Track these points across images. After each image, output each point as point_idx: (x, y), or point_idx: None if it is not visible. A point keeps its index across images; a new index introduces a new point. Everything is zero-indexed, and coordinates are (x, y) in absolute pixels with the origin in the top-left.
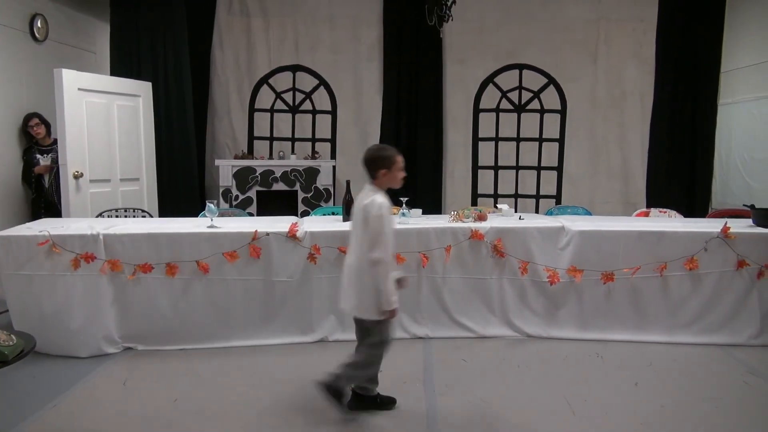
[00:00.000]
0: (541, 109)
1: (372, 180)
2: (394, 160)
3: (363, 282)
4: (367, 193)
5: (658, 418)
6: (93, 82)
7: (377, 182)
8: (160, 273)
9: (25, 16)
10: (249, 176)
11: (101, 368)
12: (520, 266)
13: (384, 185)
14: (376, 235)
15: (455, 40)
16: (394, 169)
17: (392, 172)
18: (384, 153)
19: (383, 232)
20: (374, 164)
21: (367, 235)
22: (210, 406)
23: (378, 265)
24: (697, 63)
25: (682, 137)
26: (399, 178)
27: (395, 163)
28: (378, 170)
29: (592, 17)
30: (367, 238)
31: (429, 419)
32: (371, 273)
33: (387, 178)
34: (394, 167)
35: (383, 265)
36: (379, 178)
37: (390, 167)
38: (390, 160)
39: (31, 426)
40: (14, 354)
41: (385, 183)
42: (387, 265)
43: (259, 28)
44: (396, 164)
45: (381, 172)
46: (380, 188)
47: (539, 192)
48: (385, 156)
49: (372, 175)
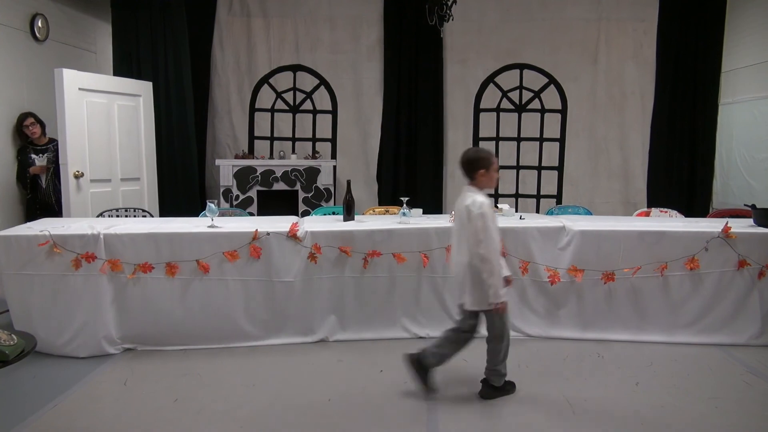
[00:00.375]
0: (541, 109)
1: (470, 181)
2: (490, 161)
3: (473, 277)
4: (468, 194)
5: (658, 418)
6: (93, 81)
7: (475, 183)
8: (160, 273)
9: (26, 16)
10: (249, 176)
11: (102, 368)
12: (521, 266)
13: (482, 186)
14: (480, 232)
15: (456, 40)
16: (491, 170)
17: (489, 173)
18: (481, 155)
19: (487, 229)
20: (472, 166)
21: (471, 233)
22: (210, 406)
23: (484, 261)
24: (697, 63)
25: (683, 137)
26: (495, 179)
27: (492, 165)
28: (476, 171)
29: (592, 17)
30: (473, 236)
31: (429, 419)
32: (479, 268)
33: (484, 178)
34: (491, 168)
35: (489, 260)
36: (476, 179)
37: (487, 168)
38: (487, 162)
39: (31, 426)
40: (15, 354)
41: (482, 183)
42: (493, 260)
43: (260, 28)
44: (492, 165)
45: (479, 173)
46: (479, 188)
47: (540, 192)
48: (482, 158)
49: (470, 177)
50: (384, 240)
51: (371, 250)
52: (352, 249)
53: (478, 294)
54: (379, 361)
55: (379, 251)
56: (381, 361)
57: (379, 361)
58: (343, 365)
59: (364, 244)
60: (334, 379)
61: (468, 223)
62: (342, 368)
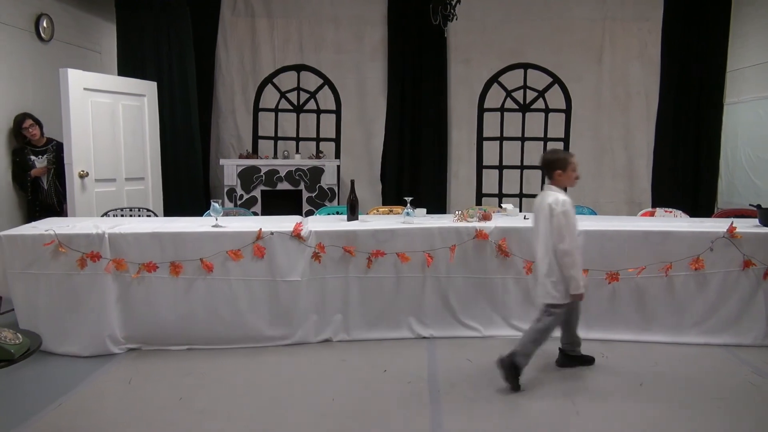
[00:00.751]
0: (545, 109)
1: (549, 180)
2: (567, 162)
3: (553, 271)
4: (549, 193)
5: (663, 419)
6: (98, 81)
7: (554, 182)
8: (164, 272)
9: (31, 16)
10: (253, 176)
11: (106, 367)
12: (525, 266)
13: (560, 185)
14: (561, 228)
15: (460, 40)
16: (568, 170)
17: (566, 172)
18: (558, 156)
19: (568, 225)
20: (549, 166)
21: (554, 229)
22: (214, 405)
23: (566, 255)
24: (702, 62)
25: (688, 137)
26: (573, 179)
27: (569, 165)
28: (553, 171)
29: (597, 17)
30: (555, 232)
31: (433, 419)
32: (562, 262)
33: (562, 178)
34: (568, 168)
35: (571, 254)
36: (554, 178)
37: (564, 168)
38: (563, 162)
39: (36, 424)
40: (20, 353)
41: (560, 183)
42: (574, 254)
43: (264, 28)
44: (570, 166)
45: (556, 173)
46: (559, 187)
47: None
48: (558, 159)
49: (549, 176)
50: (388, 240)
51: (375, 249)
52: (355, 249)
53: (560, 287)
54: (382, 361)
55: (383, 251)
56: (384, 361)
57: (382, 361)
58: (347, 365)
59: (368, 243)
60: (338, 379)
61: (550, 219)
62: (345, 368)
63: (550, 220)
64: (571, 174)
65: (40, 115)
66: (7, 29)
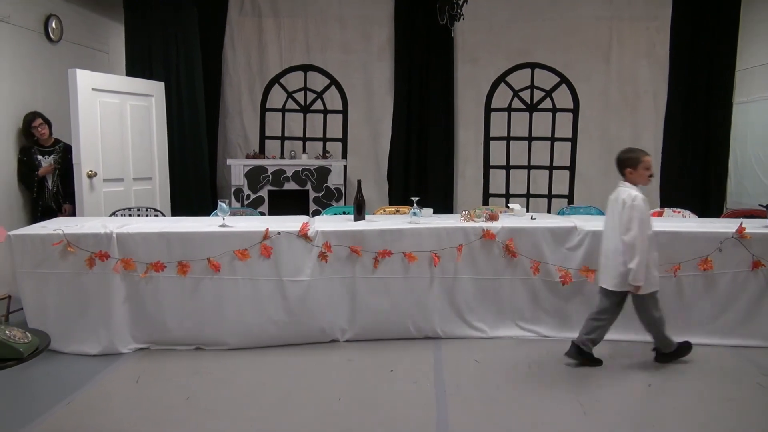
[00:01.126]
0: (553, 109)
1: (623, 178)
2: (639, 160)
3: (619, 261)
4: (623, 189)
5: (670, 420)
6: (106, 82)
7: (627, 179)
8: (171, 272)
9: (40, 17)
10: (260, 176)
11: (114, 366)
12: (532, 266)
13: (633, 182)
14: (630, 222)
15: (467, 40)
16: (639, 168)
17: (637, 170)
18: (629, 155)
19: (636, 219)
20: (621, 164)
21: (623, 222)
22: (221, 405)
23: (630, 247)
24: (711, 61)
25: (696, 136)
26: (645, 177)
27: (640, 163)
28: (624, 169)
29: (604, 16)
30: (623, 225)
31: (439, 420)
32: (625, 253)
33: (633, 176)
34: (639, 166)
35: (634, 246)
36: (626, 176)
37: (635, 167)
38: (634, 161)
39: (45, 422)
40: (29, 351)
41: (632, 180)
42: (637, 246)
43: (271, 28)
44: (641, 164)
45: (627, 171)
46: (632, 184)
47: (551, 192)
48: (629, 157)
49: (621, 174)
50: (395, 240)
51: (382, 249)
52: (362, 249)
53: (621, 276)
54: (389, 361)
55: (389, 251)
56: (391, 361)
57: (389, 361)
58: (353, 365)
59: (375, 243)
60: (344, 379)
61: (621, 212)
62: (352, 368)
63: (621, 212)
64: (643, 172)
65: (49, 116)
66: (16, 30)
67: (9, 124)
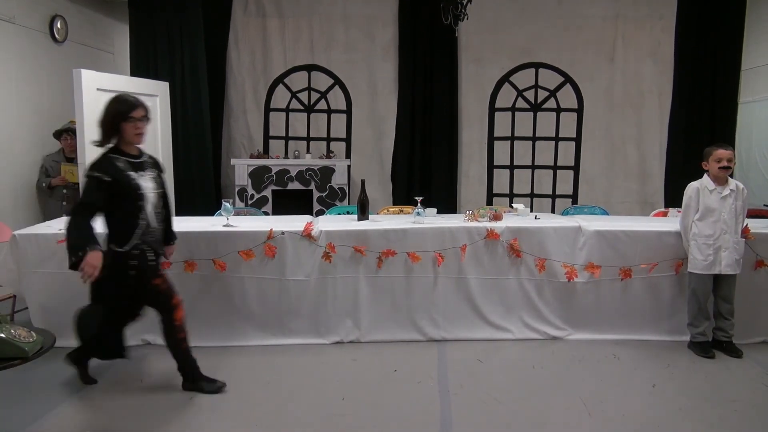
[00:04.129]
0: (557, 108)
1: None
2: (709, 153)
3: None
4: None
5: (675, 421)
6: (111, 82)
7: (707, 173)
8: (178, 270)
9: (45, 18)
10: (264, 175)
11: (119, 364)
12: (537, 264)
13: (710, 175)
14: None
15: (471, 39)
16: (710, 161)
17: (709, 164)
18: (705, 150)
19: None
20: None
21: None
22: (225, 403)
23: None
24: (716, 61)
25: (701, 136)
26: (716, 169)
27: (710, 156)
28: (701, 164)
29: (609, 15)
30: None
31: (443, 420)
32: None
33: (707, 168)
34: (710, 159)
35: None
36: (704, 169)
37: (706, 160)
38: (706, 154)
39: (50, 421)
40: (34, 350)
41: (709, 173)
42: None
43: (275, 28)
44: (710, 157)
45: (702, 164)
46: (709, 177)
47: (555, 192)
48: (704, 152)
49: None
50: (398, 239)
51: (386, 249)
52: (366, 248)
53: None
54: (392, 361)
55: (393, 251)
56: (395, 361)
57: (392, 361)
58: (357, 365)
59: (379, 243)
60: (348, 379)
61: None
62: (355, 368)
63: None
64: (713, 165)
65: (55, 116)
66: (22, 30)
67: (14, 124)
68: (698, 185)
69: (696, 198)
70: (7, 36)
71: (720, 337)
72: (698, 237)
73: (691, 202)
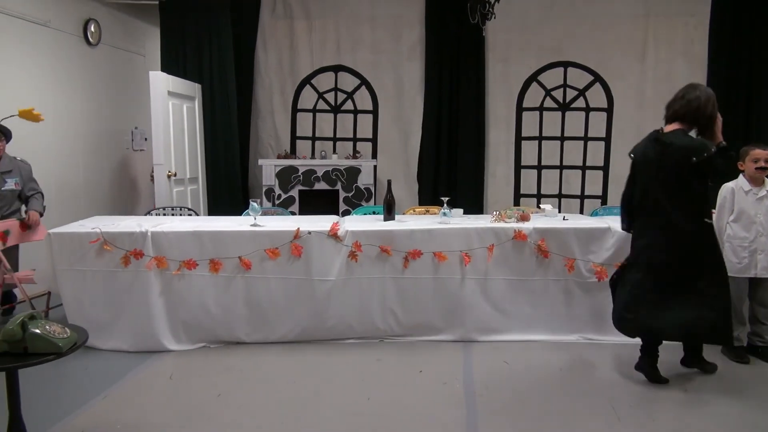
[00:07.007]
0: (586, 108)
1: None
2: (746, 153)
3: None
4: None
5: (706, 426)
6: (175, 85)
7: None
8: (204, 270)
9: (80, 21)
10: (291, 176)
11: (149, 362)
12: (566, 263)
13: (746, 175)
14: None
15: (498, 38)
16: (746, 161)
17: (745, 164)
18: (741, 149)
19: (718, 206)
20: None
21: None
22: (252, 401)
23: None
24: (752, 59)
25: (737, 135)
26: (752, 169)
27: (746, 156)
28: (736, 163)
29: (640, 12)
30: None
31: (469, 422)
32: None
33: (743, 168)
34: (746, 159)
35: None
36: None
37: (743, 160)
38: (743, 154)
39: (82, 415)
40: (68, 346)
41: (746, 173)
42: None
43: (302, 30)
44: (747, 156)
45: (739, 164)
46: (745, 177)
47: (584, 192)
48: (740, 152)
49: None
50: (425, 240)
51: (412, 249)
52: (392, 248)
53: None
54: (418, 361)
55: (419, 251)
56: (420, 361)
57: (418, 361)
58: (382, 365)
59: (405, 243)
60: (373, 379)
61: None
62: (381, 368)
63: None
64: (750, 165)
65: (90, 118)
66: (57, 34)
67: (49, 127)
68: (733, 186)
69: (731, 199)
70: (42, 40)
71: (755, 342)
72: (733, 239)
73: (726, 203)
